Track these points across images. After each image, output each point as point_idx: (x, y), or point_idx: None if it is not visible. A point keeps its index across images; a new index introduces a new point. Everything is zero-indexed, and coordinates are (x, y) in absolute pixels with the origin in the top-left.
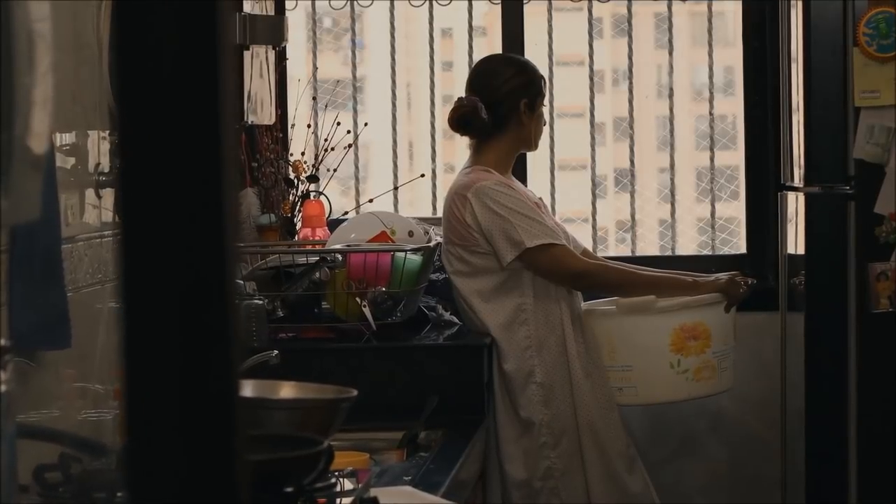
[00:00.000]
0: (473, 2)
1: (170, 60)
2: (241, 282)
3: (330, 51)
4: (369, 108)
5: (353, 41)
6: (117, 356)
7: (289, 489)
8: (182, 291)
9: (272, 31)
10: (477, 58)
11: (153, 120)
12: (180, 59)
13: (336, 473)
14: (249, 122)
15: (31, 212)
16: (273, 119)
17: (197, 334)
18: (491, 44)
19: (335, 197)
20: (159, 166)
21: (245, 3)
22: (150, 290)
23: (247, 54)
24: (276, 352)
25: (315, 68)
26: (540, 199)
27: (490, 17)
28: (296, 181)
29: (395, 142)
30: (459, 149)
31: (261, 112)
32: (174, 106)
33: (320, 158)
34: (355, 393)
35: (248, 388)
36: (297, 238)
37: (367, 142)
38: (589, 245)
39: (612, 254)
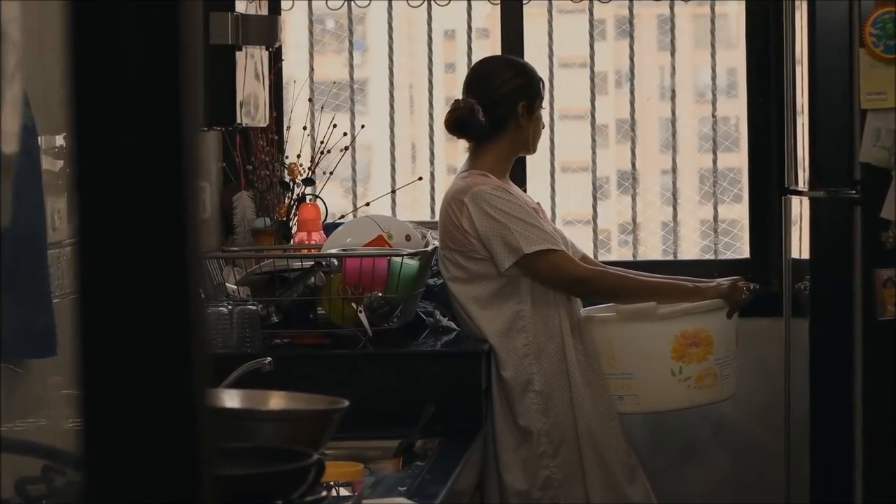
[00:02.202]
0: (474, 3)
1: (128, 58)
2: (235, 286)
3: (333, 52)
4: (373, 109)
5: (351, 42)
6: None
7: None
8: (141, 304)
9: (265, 31)
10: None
11: (109, 122)
12: (139, 58)
13: (331, 484)
14: (243, 125)
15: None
16: (267, 121)
17: (157, 349)
18: (493, 45)
19: (337, 199)
20: (116, 173)
21: (238, 2)
22: (107, 304)
23: (239, 55)
24: (269, 359)
25: (311, 69)
26: (538, 203)
27: (492, 19)
28: (291, 184)
29: (392, 144)
30: (462, 151)
31: (255, 114)
32: (132, 108)
33: (316, 161)
34: (346, 403)
35: (236, 399)
36: (292, 242)
37: (370, 143)
38: (590, 249)
39: (614, 256)
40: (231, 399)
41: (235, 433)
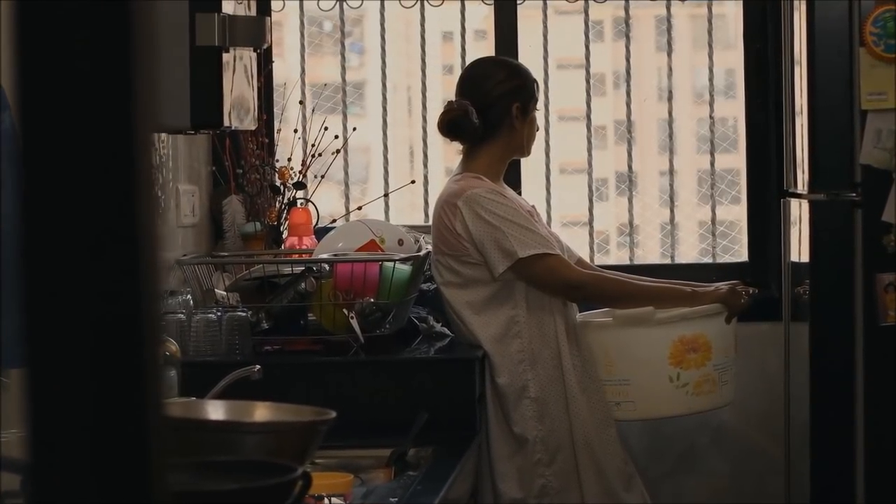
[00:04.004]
0: (471, 4)
1: (76, 59)
2: (224, 292)
3: (331, 55)
4: (371, 111)
5: (343, 43)
6: None
7: None
8: (89, 325)
9: (253, 32)
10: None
11: (56, 127)
12: (87, 58)
13: (323, 496)
14: (232, 128)
15: None
16: (256, 124)
17: (106, 371)
18: (491, 47)
19: (334, 202)
20: (63, 184)
21: (225, 3)
22: (55, 322)
23: (227, 57)
24: (257, 367)
25: (303, 71)
26: (533, 206)
27: (490, 20)
28: (282, 188)
29: (385, 147)
30: (459, 154)
31: (244, 117)
32: (80, 111)
33: (307, 164)
34: (333, 415)
35: (220, 410)
36: (283, 247)
37: (368, 146)
38: (587, 251)
39: (613, 259)
40: (215, 410)
41: (219, 446)
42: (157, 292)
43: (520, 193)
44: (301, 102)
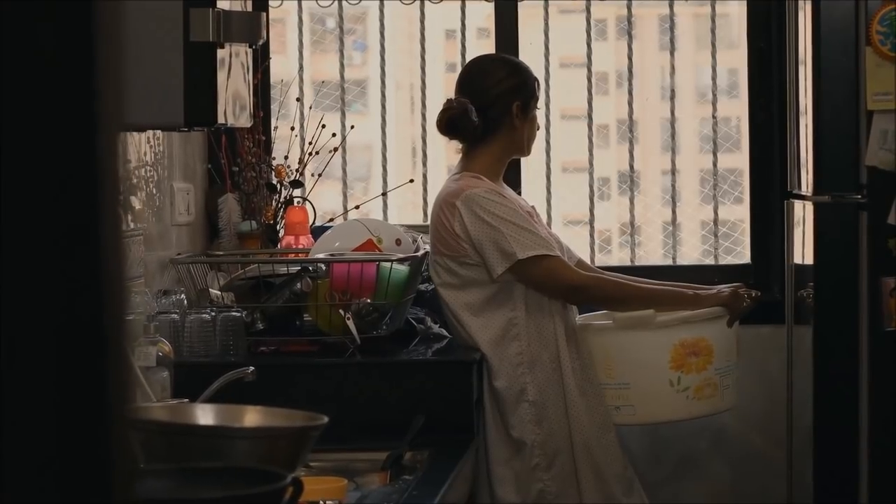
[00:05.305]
0: (468, 1)
1: (40, 60)
2: (219, 292)
3: (333, 52)
4: (374, 110)
5: (342, 41)
6: None
7: None
8: (52, 334)
9: (248, 28)
10: None
11: (14, 128)
12: (49, 56)
13: (319, 502)
14: (227, 125)
15: None
16: (252, 121)
17: (67, 384)
18: (493, 45)
19: (336, 201)
20: (22, 186)
21: None
22: (18, 329)
23: (222, 53)
24: (251, 368)
25: (301, 68)
26: (533, 207)
27: (492, 18)
28: (279, 186)
29: (384, 145)
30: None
31: (240, 114)
32: (41, 111)
33: (304, 162)
34: (325, 420)
35: (209, 414)
36: (279, 246)
37: (370, 143)
38: (588, 251)
39: (616, 259)
40: (204, 415)
41: (207, 451)
42: (121, 294)
43: (520, 193)
44: (298, 99)
